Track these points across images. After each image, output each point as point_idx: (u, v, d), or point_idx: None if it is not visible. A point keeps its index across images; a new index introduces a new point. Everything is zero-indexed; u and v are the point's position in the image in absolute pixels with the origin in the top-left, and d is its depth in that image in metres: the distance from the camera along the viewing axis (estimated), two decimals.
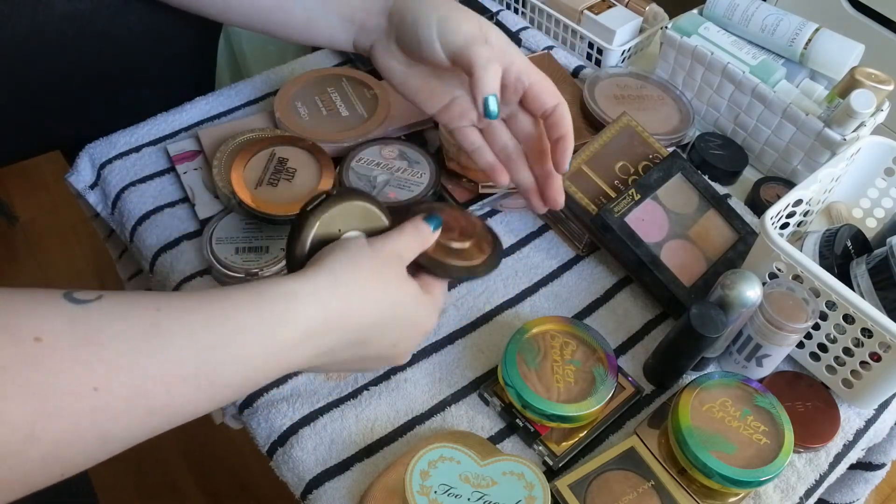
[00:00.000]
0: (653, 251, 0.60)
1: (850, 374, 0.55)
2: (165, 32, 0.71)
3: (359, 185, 0.62)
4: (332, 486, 0.51)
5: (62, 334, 0.31)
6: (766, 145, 0.73)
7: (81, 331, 0.32)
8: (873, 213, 0.68)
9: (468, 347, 0.58)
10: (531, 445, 0.53)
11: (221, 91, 0.76)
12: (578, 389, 0.52)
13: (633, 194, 0.62)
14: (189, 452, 1.19)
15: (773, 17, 0.73)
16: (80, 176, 0.69)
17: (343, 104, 0.71)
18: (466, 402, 0.55)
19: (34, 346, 0.31)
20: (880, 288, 0.53)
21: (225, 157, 0.65)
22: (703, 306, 0.50)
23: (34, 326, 0.31)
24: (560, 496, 0.49)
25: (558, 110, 0.52)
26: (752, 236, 0.64)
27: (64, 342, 0.31)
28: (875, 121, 0.67)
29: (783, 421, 0.50)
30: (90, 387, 0.31)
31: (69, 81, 0.68)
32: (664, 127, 0.73)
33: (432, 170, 0.65)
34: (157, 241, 0.63)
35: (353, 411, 0.54)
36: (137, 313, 0.34)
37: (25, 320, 0.31)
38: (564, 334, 0.55)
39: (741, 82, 0.70)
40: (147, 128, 0.71)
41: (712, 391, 0.52)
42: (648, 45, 0.86)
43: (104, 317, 0.33)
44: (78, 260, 1.46)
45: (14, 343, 0.30)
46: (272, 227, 0.62)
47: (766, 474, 0.48)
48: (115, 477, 1.15)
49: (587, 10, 0.81)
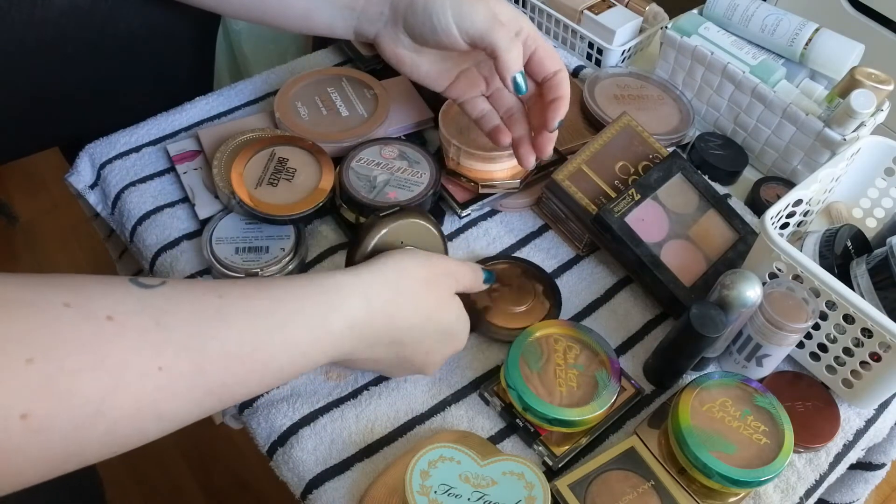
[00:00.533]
0: (653, 251, 0.60)
1: (850, 374, 0.55)
2: (164, 30, 0.71)
3: (359, 185, 0.62)
4: (332, 486, 0.51)
5: (133, 315, 0.33)
6: (766, 145, 0.73)
7: (150, 312, 0.34)
8: (873, 213, 0.68)
9: (468, 347, 0.58)
10: (531, 446, 0.53)
11: (221, 91, 0.76)
12: (581, 394, 0.52)
13: (633, 194, 0.62)
14: (189, 452, 1.19)
15: (773, 17, 0.73)
16: (80, 176, 0.69)
17: (343, 104, 0.71)
18: (466, 402, 0.55)
19: (107, 324, 0.32)
20: (880, 288, 0.53)
21: (225, 157, 0.65)
22: (703, 306, 0.50)
23: (106, 305, 0.33)
24: (560, 496, 0.49)
25: (558, 75, 0.54)
26: (752, 236, 0.64)
27: (134, 322, 0.33)
28: (875, 121, 0.67)
29: (783, 421, 0.50)
30: (156, 366, 0.33)
31: (68, 79, 0.68)
32: (664, 127, 0.73)
33: (432, 170, 0.65)
34: (157, 241, 0.63)
35: (353, 411, 0.54)
36: (202, 299, 0.36)
37: (98, 300, 0.33)
38: (568, 338, 0.55)
39: (741, 82, 0.70)
40: (147, 128, 0.71)
41: (712, 391, 0.52)
42: (648, 45, 0.86)
43: (170, 301, 0.35)
44: (78, 260, 1.46)
45: (87, 319, 0.32)
46: (272, 227, 0.62)
47: (766, 474, 0.48)
48: (115, 477, 1.15)
49: (587, 10, 0.81)
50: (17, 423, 0.29)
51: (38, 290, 0.32)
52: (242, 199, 0.60)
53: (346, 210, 0.63)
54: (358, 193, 0.62)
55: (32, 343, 0.30)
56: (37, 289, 0.32)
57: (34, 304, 0.31)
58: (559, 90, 0.54)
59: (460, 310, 0.50)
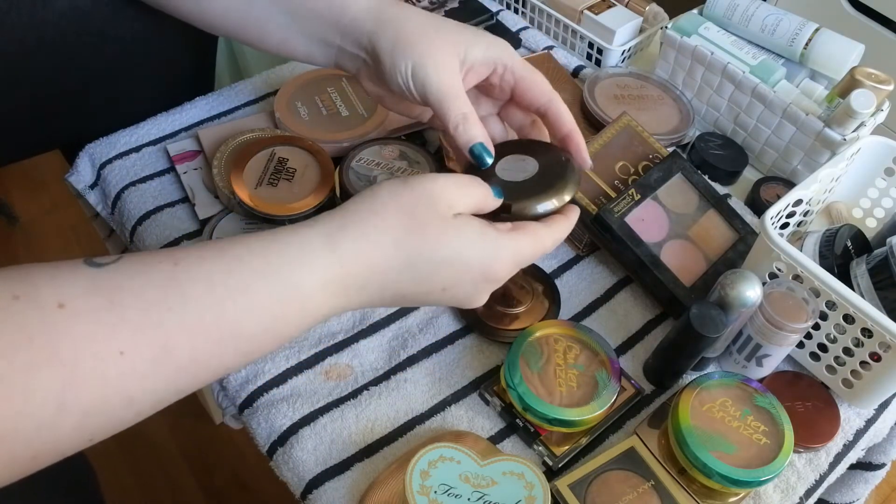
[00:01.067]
0: (653, 251, 0.60)
1: (850, 374, 0.55)
2: (164, 31, 0.71)
3: (359, 185, 0.62)
4: (332, 486, 0.51)
5: (83, 298, 0.31)
6: (766, 145, 0.73)
7: (102, 293, 0.32)
8: (873, 213, 0.67)
9: (468, 347, 0.58)
10: (531, 445, 0.53)
11: (221, 91, 0.76)
12: (581, 394, 0.52)
13: (633, 194, 0.62)
14: (189, 452, 1.19)
15: (773, 17, 0.73)
16: (80, 176, 0.69)
17: (343, 104, 0.71)
18: (466, 402, 0.55)
19: (57, 313, 0.30)
20: (880, 288, 0.53)
21: (225, 157, 0.65)
22: (703, 306, 0.50)
23: (56, 293, 0.31)
24: (560, 496, 0.49)
25: (552, 107, 0.49)
26: (752, 236, 0.64)
27: (85, 306, 0.31)
28: (875, 121, 0.67)
29: (783, 421, 0.50)
30: (116, 351, 0.31)
31: (68, 79, 0.68)
32: (664, 127, 0.73)
33: (432, 170, 0.64)
34: (156, 241, 0.63)
35: (353, 411, 0.54)
36: (156, 269, 0.33)
37: (47, 288, 0.31)
38: (568, 338, 0.55)
39: (741, 82, 0.70)
40: (147, 128, 0.71)
41: (712, 391, 0.52)
42: (648, 45, 0.86)
43: (123, 276, 0.32)
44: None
45: (37, 310, 0.30)
46: (272, 227, 0.62)
47: (766, 474, 0.48)
48: (115, 477, 1.15)
49: (587, 10, 0.81)
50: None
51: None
52: (242, 199, 0.60)
53: None
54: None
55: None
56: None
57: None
58: (563, 125, 0.49)
59: (471, 232, 0.41)
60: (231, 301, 0.34)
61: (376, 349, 0.58)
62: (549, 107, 0.50)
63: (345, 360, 0.57)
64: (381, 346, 0.58)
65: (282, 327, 0.37)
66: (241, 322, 0.35)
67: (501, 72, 0.49)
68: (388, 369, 0.57)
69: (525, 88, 0.50)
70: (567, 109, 0.50)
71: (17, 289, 0.30)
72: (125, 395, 0.32)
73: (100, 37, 0.66)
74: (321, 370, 0.56)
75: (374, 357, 0.57)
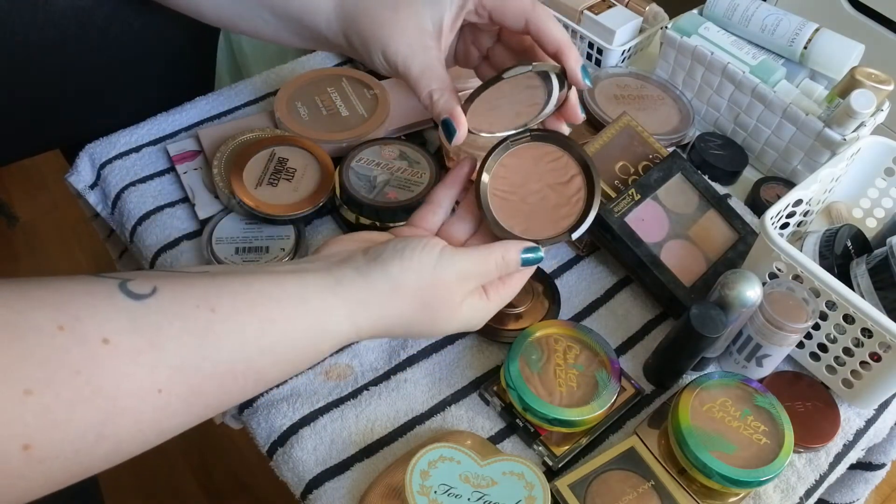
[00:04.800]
0: (653, 251, 0.60)
1: (850, 374, 0.55)
2: (165, 31, 0.71)
3: (359, 185, 0.62)
4: (332, 486, 0.51)
5: (126, 336, 0.33)
6: (766, 145, 0.73)
7: (143, 334, 0.34)
8: (873, 213, 0.68)
9: (468, 347, 0.58)
10: (531, 445, 0.53)
11: (221, 91, 0.76)
12: (581, 394, 0.52)
13: (633, 194, 0.62)
14: (189, 452, 1.19)
15: (773, 17, 0.73)
16: (80, 176, 0.69)
17: (343, 104, 0.71)
18: (466, 402, 0.55)
19: (101, 348, 0.32)
20: (880, 288, 0.53)
21: (225, 156, 0.65)
22: (703, 306, 0.50)
23: (99, 328, 0.32)
24: (560, 496, 0.49)
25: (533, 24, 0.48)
26: (752, 236, 0.64)
27: (128, 344, 0.33)
28: (875, 121, 0.67)
29: (783, 421, 0.50)
30: (154, 389, 0.34)
31: (69, 79, 0.68)
32: (664, 127, 0.73)
33: (432, 170, 0.65)
34: (157, 241, 0.63)
35: (353, 411, 0.54)
36: (193, 314, 0.36)
37: (90, 322, 0.32)
38: (568, 338, 0.55)
39: (741, 82, 0.70)
40: (147, 128, 0.71)
41: (712, 391, 0.52)
42: (648, 45, 0.86)
43: (163, 316, 0.35)
44: (78, 260, 1.46)
45: (82, 344, 0.32)
46: (272, 228, 0.62)
47: (766, 474, 0.48)
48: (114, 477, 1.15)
49: (587, 10, 0.81)
50: (20, 453, 0.29)
51: (23, 313, 0.31)
52: (242, 199, 0.60)
53: (346, 210, 0.63)
54: (358, 193, 0.62)
55: (29, 372, 0.30)
56: (22, 311, 0.31)
57: (22, 326, 0.30)
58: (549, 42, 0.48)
59: (470, 310, 0.46)
60: (259, 355, 0.38)
61: (376, 349, 0.58)
62: (529, 25, 0.48)
63: (345, 360, 0.57)
64: (381, 346, 0.58)
65: (298, 371, 0.43)
66: (267, 369, 0.39)
67: (473, 7, 0.49)
68: (388, 369, 0.57)
69: (500, 12, 0.49)
70: (555, 23, 0.48)
71: (59, 318, 0.32)
72: (158, 428, 0.35)
73: (101, 37, 0.66)
74: (321, 370, 0.56)
75: (375, 357, 0.57)
